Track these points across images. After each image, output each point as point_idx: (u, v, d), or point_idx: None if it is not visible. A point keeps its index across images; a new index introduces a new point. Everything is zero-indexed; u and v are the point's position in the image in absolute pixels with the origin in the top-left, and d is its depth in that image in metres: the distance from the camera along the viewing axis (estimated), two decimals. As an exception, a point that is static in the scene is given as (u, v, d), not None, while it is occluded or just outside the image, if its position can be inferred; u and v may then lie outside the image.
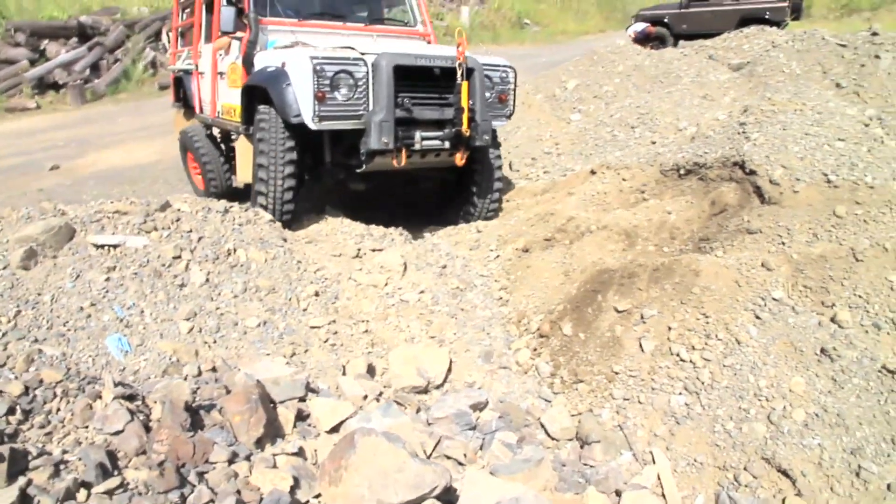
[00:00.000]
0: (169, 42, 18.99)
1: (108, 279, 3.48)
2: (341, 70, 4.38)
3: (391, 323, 3.89)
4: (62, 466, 1.97)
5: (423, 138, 4.78)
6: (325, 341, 3.55)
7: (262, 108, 4.75)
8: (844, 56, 7.95)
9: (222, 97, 5.99)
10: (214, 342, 3.34)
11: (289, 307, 3.72)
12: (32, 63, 16.90)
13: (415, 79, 4.64)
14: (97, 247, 3.65)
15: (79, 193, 7.91)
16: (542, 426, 3.36)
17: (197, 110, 6.88)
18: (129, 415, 2.16)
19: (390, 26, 5.92)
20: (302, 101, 4.36)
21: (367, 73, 4.46)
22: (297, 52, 4.65)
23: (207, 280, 3.68)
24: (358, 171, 4.87)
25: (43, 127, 14.50)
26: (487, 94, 4.99)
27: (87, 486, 1.91)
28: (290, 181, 4.69)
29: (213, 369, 3.00)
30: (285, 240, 4.34)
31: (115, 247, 3.67)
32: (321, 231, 4.85)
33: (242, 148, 5.42)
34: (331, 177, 5.28)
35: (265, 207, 4.72)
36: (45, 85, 16.92)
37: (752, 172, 3.99)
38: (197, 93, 6.79)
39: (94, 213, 3.87)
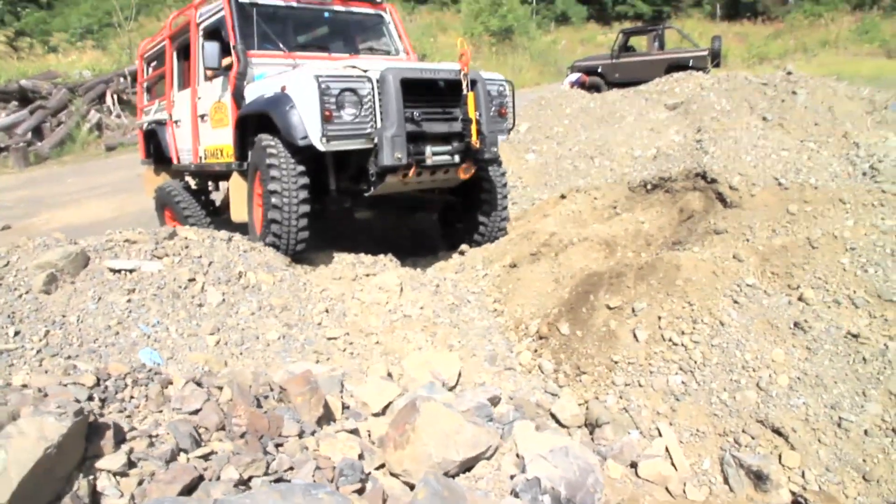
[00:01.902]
0: (114, 104, 19.03)
1: (129, 300, 3.59)
2: (346, 88, 4.27)
3: (398, 335, 4.10)
4: (154, 438, 2.10)
5: (434, 153, 4.68)
6: (344, 350, 3.73)
7: (263, 136, 4.63)
8: (766, 93, 8.85)
9: (205, 140, 5.90)
10: (241, 353, 3.48)
11: (303, 322, 3.90)
12: (-29, 127, 16.53)
13: (420, 93, 4.56)
14: (114, 271, 3.76)
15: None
16: (553, 416, 3.61)
17: (174, 160, 6.74)
18: (206, 394, 2.31)
19: (374, 55, 5.86)
20: (308, 121, 4.23)
21: (372, 90, 4.37)
22: (299, 72, 4.53)
23: (224, 300, 3.83)
24: (366, 194, 4.78)
25: (-14, 189, 14.12)
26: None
27: (184, 451, 2.05)
28: (305, 207, 4.54)
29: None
30: (288, 265, 4.53)
31: (130, 271, 3.78)
32: (315, 259, 5.04)
33: (236, 185, 5.33)
34: (337, 205, 5.11)
35: (278, 237, 4.57)
36: (-17, 149, 16.53)
37: (714, 181, 4.50)
38: (173, 142, 6.70)
39: (106, 242, 3.99)
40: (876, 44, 16.43)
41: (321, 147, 4.28)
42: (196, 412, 2.29)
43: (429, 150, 4.63)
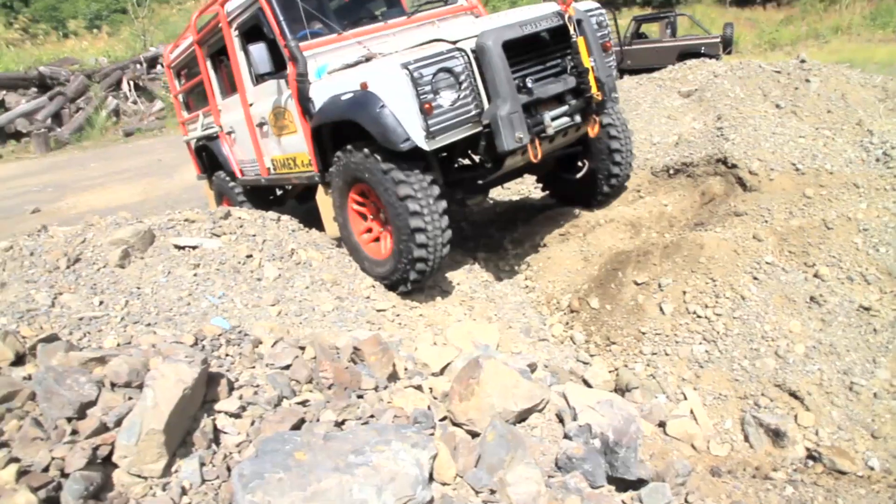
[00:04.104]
0: (130, 90, 19.31)
1: (195, 274, 3.91)
2: (439, 69, 3.61)
3: (440, 308, 4.41)
4: (257, 388, 2.42)
5: (553, 118, 4.01)
6: (392, 321, 4.05)
7: (365, 149, 3.98)
8: (780, 81, 9.07)
9: (271, 151, 5.15)
10: (300, 323, 3.79)
11: (353, 296, 4.21)
12: (-9, 114, 16.86)
13: (523, 52, 3.93)
14: (178, 248, 4.08)
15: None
16: (585, 382, 3.91)
17: (237, 175, 5.95)
18: (296, 350, 2.63)
19: (432, 9, 5.08)
20: (406, 120, 3.61)
21: (468, 63, 3.72)
22: (379, 64, 3.88)
23: (280, 275, 4.14)
24: (481, 182, 4.30)
25: (11, 175, 14.47)
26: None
27: (285, 398, 2.37)
28: (446, 218, 3.96)
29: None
30: (333, 244, 4.83)
31: (193, 248, 4.10)
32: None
33: (324, 201, 4.66)
34: (448, 199, 4.19)
35: (423, 274, 4.07)
36: (5, 135, 16.87)
37: (734, 166, 4.78)
38: (232, 157, 5.92)
39: (168, 221, 4.30)
40: (889, 30, 16.52)
41: (427, 147, 3.66)
42: (287, 367, 2.61)
43: (547, 116, 3.97)
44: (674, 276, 4.14)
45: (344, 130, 4.12)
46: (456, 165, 4.47)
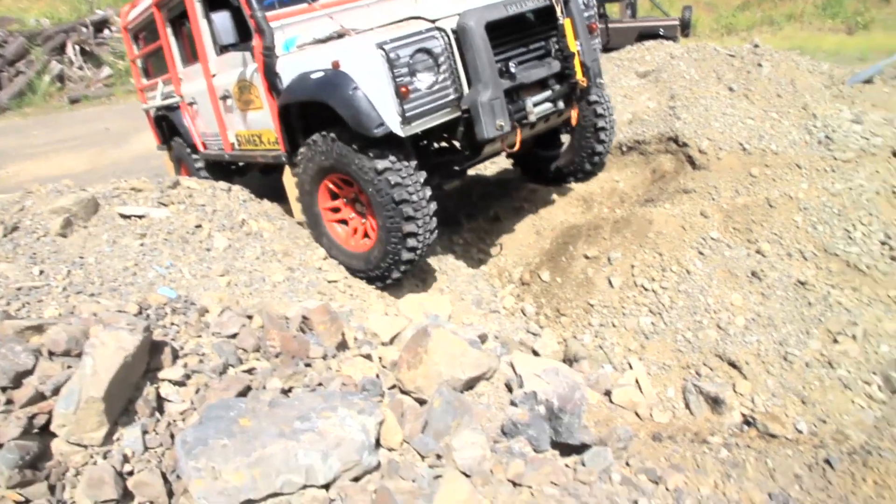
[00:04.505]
0: (76, 55, 18.49)
1: (142, 244, 3.81)
2: (417, 50, 3.36)
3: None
4: (202, 356, 2.39)
5: (535, 104, 3.83)
6: (344, 292, 4.03)
7: (336, 134, 3.75)
8: (734, 64, 9.26)
9: (234, 125, 4.84)
10: (251, 294, 3.74)
11: (305, 266, 4.17)
12: (-76, 75, 15.96)
13: (506, 34, 3.69)
14: (124, 217, 3.96)
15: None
16: (535, 352, 3.99)
17: (199, 148, 5.62)
18: (243, 319, 2.60)
19: None
20: (381, 104, 3.36)
21: (448, 44, 3.48)
22: (353, 42, 3.62)
23: (230, 245, 4.07)
24: (458, 168, 4.10)
25: (-55, 141, 13.77)
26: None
27: (231, 366, 2.35)
28: (433, 204, 3.78)
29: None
30: (284, 214, 4.77)
31: (140, 217, 3.99)
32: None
33: (291, 181, 4.38)
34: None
35: (414, 251, 3.79)
36: (-65, 98, 16.02)
37: (685, 145, 4.89)
38: (193, 128, 5.56)
39: (113, 190, 4.17)
40: (839, 20, 17.02)
41: (402, 133, 3.42)
42: (233, 336, 2.58)
43: (529, 102, 3.80)
44: (623, 250, 4.23)
45: (313, 110, 3.87)
46: (433, 148, 4.26)
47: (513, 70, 3.66)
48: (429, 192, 3.72)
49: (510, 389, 2.77)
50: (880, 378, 3.43)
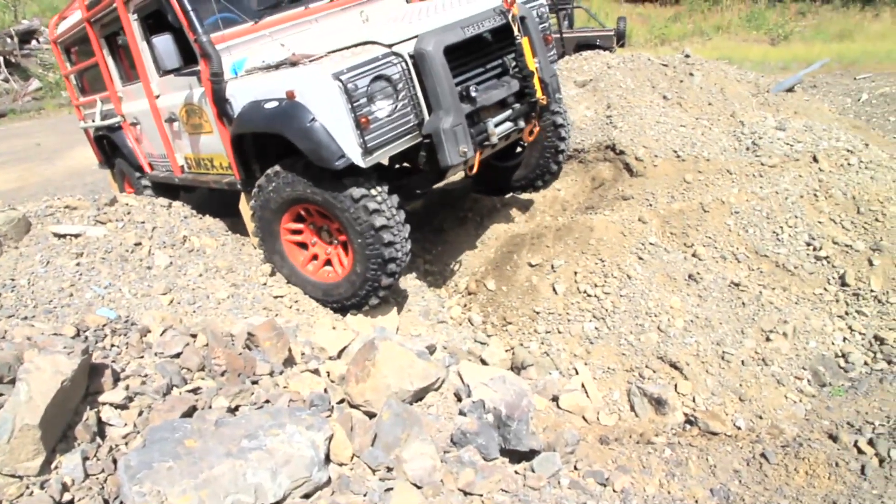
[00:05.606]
0: (0, 67, 17.67)
1: (78, 264, 3.69)
2: (375, 78, 3.26)
3: (340, 293, 4.39)
4: (145, 377, 2.33)
5: (496, 125, 3.79)
6: (290, 307, 3.99)
7: (294, 164, 3.66)
8: (667, 73, 9.63)
9: (182, 148, 4.61)
10: (194, 312, 3.66)
11: (249, 282, 4.11)
12: None
13: (464, 56, 3.61)
14: (59, 236, 3.82)
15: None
16: (483, 361, 4.03)
17: (145, 169, 5.33)
18: (187, 338, 2.55)
19: None
20: (340, 136, 3.24)
21: (405, 70, 3.38)
22: (308, 72, 3.38)
23: (171, 262, 3.98)
24: (420, 191, 4.07)
25: None
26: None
27: (175, 386, 2.30)
28: (408, 226, 3.71)
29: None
30: (227, 231, 4.69)
31: (76, 236, 3.86)
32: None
33: (247, 209, 4.21)
34: None
35: (394, 276, 3.74)
36: None
37: (622, 153, 5.05)
38: (137, 149, 5.27)
39: (46, 208, 4.03)
40: (762, 31, 17.88)
41: (363, 164, 3.32)
42: (177, 356, 2.53)
43: (490, 124, 3.76)
44: (566, 257, 4.33)
45: (267, 139, 3.74)
46: (395, 168, 4.24)
47: (473, 94, 3.59)
48: (403, 215, 3.64)
49: (459, 399, 2.80)
50: (809, 373, 3.62)
